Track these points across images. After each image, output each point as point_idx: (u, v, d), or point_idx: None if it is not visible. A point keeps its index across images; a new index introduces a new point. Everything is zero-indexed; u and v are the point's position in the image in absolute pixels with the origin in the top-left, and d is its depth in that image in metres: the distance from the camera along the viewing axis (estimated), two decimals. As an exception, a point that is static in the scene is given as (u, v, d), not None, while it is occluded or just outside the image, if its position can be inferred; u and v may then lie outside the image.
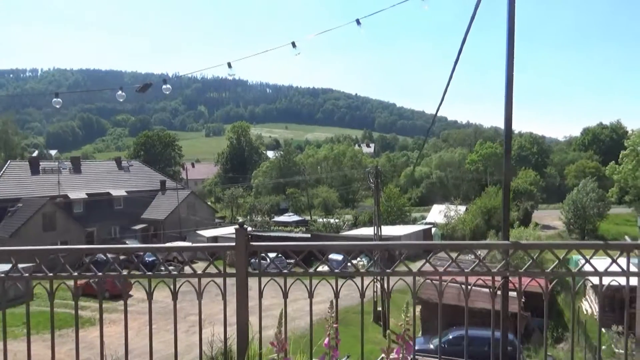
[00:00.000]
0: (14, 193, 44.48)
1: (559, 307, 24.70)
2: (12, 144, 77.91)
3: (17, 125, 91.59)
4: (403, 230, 44.24)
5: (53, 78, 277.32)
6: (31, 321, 3.23)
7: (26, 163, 51.03)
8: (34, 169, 49.12)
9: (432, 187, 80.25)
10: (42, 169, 49.77)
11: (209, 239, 44.67)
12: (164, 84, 5.69)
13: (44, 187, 47.25)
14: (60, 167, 50.22)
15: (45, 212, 41.32)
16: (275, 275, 3.26)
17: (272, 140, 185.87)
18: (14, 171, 47.82)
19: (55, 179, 47.46)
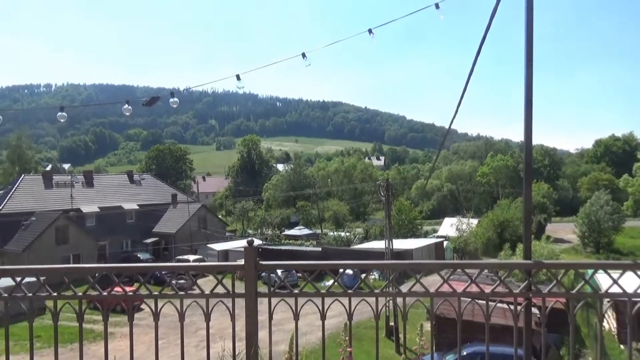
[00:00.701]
0: (28, 207, 44.92)
1: (576, 323, 24.16)
2: (26, 158, 78.92)
3: (31, 140, 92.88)
4: (415, 243, 43.82)
5: (67, 93, 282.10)
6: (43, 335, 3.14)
7: (40, 177, 51.60)
8: (48, 183, 49.62)
9: (443, 200, 79.75)
10: (56, 182, 50.27)
11: (220, 252, 44.57)
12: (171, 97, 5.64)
13: (57, 200, 47.66)
14: (73, 181, 50.71)
15: (58, 226, 41.62)
16: (285, 295, 3.13)
17: (282, 153, 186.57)
18: (28, 185, 48.35)
19: (68, 192, 47.88)
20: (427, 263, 3.28)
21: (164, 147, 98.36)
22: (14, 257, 39.34)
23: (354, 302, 3.15)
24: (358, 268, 3.14)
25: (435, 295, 3.03)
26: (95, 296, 3.21)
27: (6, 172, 79.56)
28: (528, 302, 3.51)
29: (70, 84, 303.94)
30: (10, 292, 3.25)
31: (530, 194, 4.19)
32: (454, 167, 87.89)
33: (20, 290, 3.25)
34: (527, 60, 3.89)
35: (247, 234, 64.97)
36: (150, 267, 3.30)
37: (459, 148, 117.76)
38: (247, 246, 3.07)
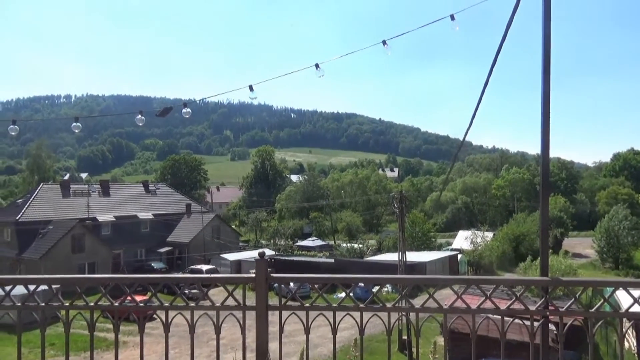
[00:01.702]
0: (46, 215, 45.57)
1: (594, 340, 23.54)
2: (45, 167, 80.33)
3: (50, 149, 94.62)
4: (428, 256, 43.46)
5: (86, 104, 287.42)
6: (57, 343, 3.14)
7: (58, 186, 52.37)
8: (65, 192, 50.36)
9: (457, 212, 79.09)
10: (73, 191, 51.00)
11: (233, 262, 44.63)
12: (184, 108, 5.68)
13: (74, 209, 48.30)
14: (89, 190, 51.38)
15: (74, 234, 42.13)
16: (296, 309, 3.10)
17: (296, 164, 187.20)
18: (46, 194, 49.12)
19: (85, 201, 48.50)
20: (440, 278, 3.23)
21: (179, 157, 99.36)
22: (31, 265, 39.85)
23: (366, 316, 3.11)
24: (370, 283, 3.10)
25: (448, 312, 2.97)
26: (106, 306, 3.21)
27: (26, 181, 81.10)
28: (545, 320, 3.42)
29: (90, 95, 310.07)
30: (23, 301, 3.26)
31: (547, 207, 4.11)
32: (469, 179, 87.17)
33: (34, 299, 3.27)
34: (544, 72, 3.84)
35: (260, 245, 65.01)
36: (161, 278, 3.30)
37: (473, 160, 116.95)
38: (259, 259, 3.06)
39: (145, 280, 3.29)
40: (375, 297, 3.20)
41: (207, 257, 47.86)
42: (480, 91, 6.61)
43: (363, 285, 3.57)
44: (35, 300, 3.24)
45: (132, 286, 3.29)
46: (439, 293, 3.01)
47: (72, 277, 3.29)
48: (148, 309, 3.23)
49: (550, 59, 3.93)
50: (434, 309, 3.00)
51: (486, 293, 3.04)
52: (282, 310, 3.13)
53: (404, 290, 3.12)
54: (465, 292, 2.99)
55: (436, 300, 3.03)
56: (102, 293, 3.20)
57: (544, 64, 3.80)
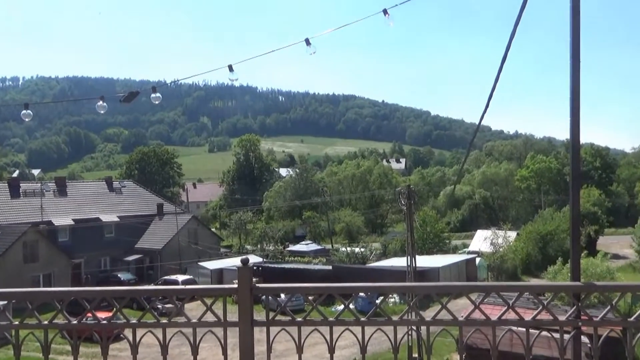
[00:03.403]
0: (-9, 219, 45.35)
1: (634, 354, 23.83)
2: (-10, 163, 79.88)
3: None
4: (441, 260, 43.63)
5: (36, 87, 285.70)
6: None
7: (5, 185, 52.06)
8: (14, 192, 50.08)
9: (475, 209, 79.39)
10: (23, 191, 50.73)
11: (213, 272, 44.67)
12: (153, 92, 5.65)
13: (25, 212, 48.07)
14: (43, 189, 51.16)
15: (26, 241, 41.99)
16: (287, 324, 3.10)
17: (286, 155, 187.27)
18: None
19: (37, 202, 48.30)
20: (456, 285, 3.25)
21: (148, 150, 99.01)
22: (-24, 278, 39.69)
23: (368, 331, 3.12)
24: (374, 292, 3.11)
25: (465, 324, 2.99)
26: (64, 325, 3.20)
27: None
28: (577, 331, 3.45)
29: (40, 77, 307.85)
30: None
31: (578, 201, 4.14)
32: (488, 170, 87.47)
33: (-23, 318, 3.25)
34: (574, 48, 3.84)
35: (245, 250, 65.00)
36: (128, 291, 3.29)
37: (492, 148, 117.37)
38: (242, 267, 3.06)
39: (109, 294, 3.28)
40: (379, 309, 3.20)
41: (183, 266, 47.85)
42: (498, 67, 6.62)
43: (365, 295, 3.59)
44: (-20, 320, 3.23)
45: (94, 301, 3.28)
46: (453, 303, 3.02)
47: (24, 291, 3.27)
48: (113, 327, 3.22)
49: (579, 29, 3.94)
50: (448, 321, 3.01)
51: (508, 302, 3.05)
52: (270, 326, 3.13)
53: (412, 300, 3.13)
54: (484, 301, 3.01)
55: (450, 311, 3.04)
56: (59, 309, 3.19)
57: (573, 35, 3.81)
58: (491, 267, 47.11)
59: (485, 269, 46.52)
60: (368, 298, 25.50)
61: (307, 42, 5.20)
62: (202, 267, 46.03)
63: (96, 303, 3.26)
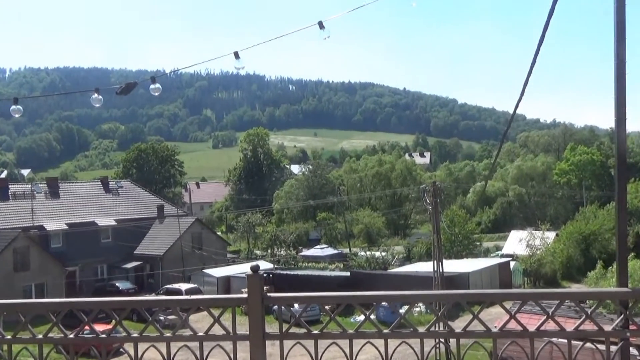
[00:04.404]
0: (-22, 224, 46.04)
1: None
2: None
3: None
4: (471, 265, 43.46)
5: (24, 80, 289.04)
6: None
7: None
8: (2, 194, 50.79)
9: (508, 207, 78.85)
10: (12, 193, 51.43)
11: (220, 279, 44.90)
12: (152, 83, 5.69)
13: (14, 216, 48.72)
14: (33, 190, 51.81)
15: (16, 248, 42.54)
16: (302, 337, 3.11)
17: (298, 150, 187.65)
18: (-22, 197, 49.62)
19: (28, 205, 48.92)
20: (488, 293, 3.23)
21: (147, 146, 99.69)
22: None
23: (392, 344, 3.12)
24: (397, 301, 3.11)
25: (499, 336, 2.98)
26: (59, 339, 3.25)
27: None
28: (625, 342, 3.43)
29: (29, 69, 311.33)
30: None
31: (624, 197, 4.10)
32: (523, 163, 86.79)
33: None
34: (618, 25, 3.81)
35: (254, 256, 65.23)
36: (128, 302, 3.33)
37: (528, 139, 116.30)
38: (251, 274, 3.07)
39: (108, 305, 3.32)
40: (404, 320, 3.20)
41: (187, 274, 48.17)
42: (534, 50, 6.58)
43: (388, 304, 3.59)
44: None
45: (92, 313, 3.32)
46: (486, 312, 3.01)
47: (15, 303, 3.32)
48: (112, 341, 3.26)
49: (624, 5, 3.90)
50: (481, 332, 3.01)
51: (548, 311, 3.03)
52: (284, 340, 3.14)
53: (441, 309, 3.12)
54: (520, 310, 2.99)
55: (482, 321, 3.02)
56: (54, 322, 3.23)
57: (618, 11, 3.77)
58: (527, 272, 46.82)
59: (520, 274, 46.22)
60: (390, 307, 25.48)
61: (320, 26, 5.20)
62: (207, 275, 46.28)
63: (94, 315, 3.30)
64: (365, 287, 36.26)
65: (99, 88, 5.76)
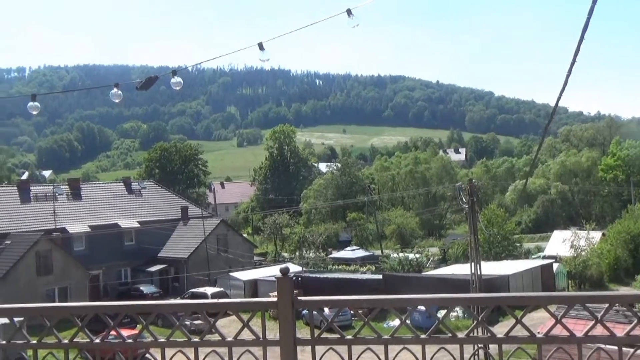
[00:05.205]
0: (0, 227, 47.00)
1: None
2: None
3: (1, 141, 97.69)
4: (511, 267, 42.98)
5: (44, 78, 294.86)
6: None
7: (14, 188, 53.94)
8: (24, 196, 51.84)
9: (550, 206, 77.76)
10: (34, 195, 52.46)
11: (247, 283, 45.15)
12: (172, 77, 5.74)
13: (36, 218, 49.72)
14: (55, 192, 52.72)
15: (39, 251, 43.34)
16: (335, 342, 3.12)
17: (326, 148, 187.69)
18: (0, 198, 50.70)
19: (50, 207, 49.81)
20: (532, 296, 3.19)
21: (170, 146, 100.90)
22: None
23: (429, 350, 3.10)
24: (434, 305, 3.09)
25: (545, 342, 2.95)
26: (85, 344, 3.31)
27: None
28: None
29: (48, 67, 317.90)
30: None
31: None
32: (567, 159, 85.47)
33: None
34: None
35: (282, 259, 65.45)
36: (155, 306, 3.37)
37: (570, 133, 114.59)
38: (281, 277, 3.08)
39: (134, 309, 3.36)
40: (442, 325, 3.18)
41: (213, 277, 48.55)
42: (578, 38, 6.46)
43: (424, 308, 3.57)
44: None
45: (117, 317, 3.37)
46: (528, 317, 2.98)
47: (41, 307, 3.39)
48: (139, 346, 3.30)
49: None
50: (524, 338, 2.97)
51: (596, 315, 2.99)
52: (316, 345, 3.15)
53: (482, 314, 3.09)
54: (566, 315, 2.95)
55: (526, 326, 2.99)
56: (79, 326, 3.29)
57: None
58: (572, 275, 46.13)
59: (564, 276, 45.56)
60: (427, 311, 25.33)
61: (348, 13, 5.18)
62: (233, 278, 46.56)
63: (119, 319, 3.35)
64: (398, 290, 36.07)
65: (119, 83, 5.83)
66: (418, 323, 26.67)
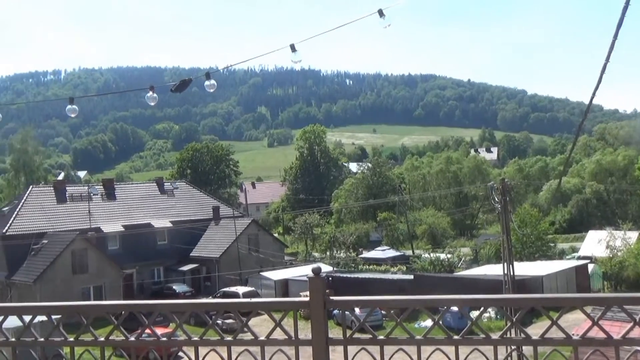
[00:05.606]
0: (38, 226, 48.03)
1: None
2: (33, 165, 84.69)
3: (39, 142, 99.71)
4: (545, 268, 42.46)
5: (79, 81, 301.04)
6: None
7: (50, 189, 55.09)
8: (60, 196, 52.89)
9: (585, 205, 76.48)
10: (70, 195, 53.49)
11: (277, 282, 45.32)
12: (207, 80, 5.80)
13: (71, 218, 50.70)
14: (90, 192, 53.65)
15: (74, 250, 44.20)
16: (367, 343, 3.11)
17: (356, 148, 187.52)
18: (37, 199, 51.75)
19: (85, 207, 50.73)
20: (567, 297, 3.14)
21: (201, 146, 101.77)
22: (24, 290, 42.25)
23: (463, 351, 3.08)
24: (467, 305, 3.06)
25: (581, 344, 2.89)
26: (120, 342, 3.36)
27: (11, 183, 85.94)
28: None
29: (83, 69, 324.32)
30: (18, 336, 3.47)
31: None
32: (602, 158, 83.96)
33: (30, 334, 3.47)
34: None
35: (312, 258, 65.55)
36: (191, 305, 3.40)
37: (605, 131, 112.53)
38: (313, 277, 3.09)
39: (169, 308, 3.40)
40: (475, 326, 3.15)
41: (244, 277, 48.85)
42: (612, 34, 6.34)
43: (456, 309, 3.54)
44: (33, 335, 3.44)
45: (152, 315, 3.42)
46: (563, 318, 2.94)
47: (78, 305, 3.46)
48: (173, 344, 3.34)
49: None
50: (560, 340, 2.93)
51: (634, 317, 2.93)
52: (348, 345, 3.14)
53: (516, 315, 3.05)
54: (603, 316, 2.90)
55: (562, 328, 2.94)
56: (115, 324, 3.34)
57: None
58: (607, 276, 45.40)
59: (600, 277, 44.93)
60: (459, 312, 25.12)
61: (380, 14, 5.17)
62: (264, 278, 46.78)
63: (154, 318, 3.40)
64: (429, 291, 35.84)
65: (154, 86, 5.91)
66: (449, 324, 26.45)
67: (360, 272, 51.32)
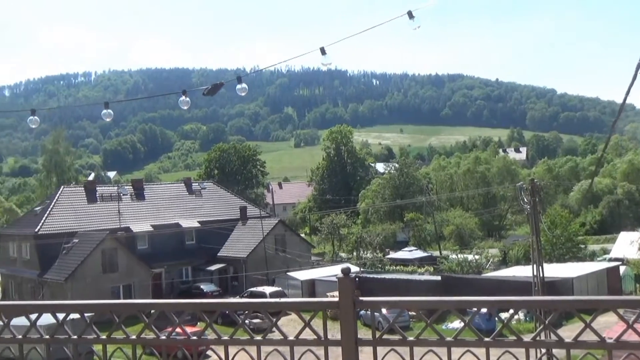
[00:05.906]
0: (69, 226, 48.95)
1: None
2: (65, 166, 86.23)
3: (69, 143, 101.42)
4: (576, 269, 41.89)
5: (109, 82, 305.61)
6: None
7: (81, 189, 56.05)
8: (91, 196, 53.77)
9: (617, 206, 75.21)
10: (100, 195, 54.35)
11: (304, 282, 45.40)
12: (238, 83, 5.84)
13: (102, 218, 51.47)
14: (120, 192, 54.44)
15: (104, 249, 44.89)
16: (397, 344, 3.10)
17: (383, 148, 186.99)
18: (68, 199, 52.71)
19: (115, 207, 51.49)
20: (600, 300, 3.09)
21: (229, 147, 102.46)
22: (56, 288, 43.08)
23: (494, 353, 3.05)
24: (497, 307, 3.03)
25: (616, 347, 2.84)
26: (151, 340, 3.40)
27: (43, 183, 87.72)
28: None
29: (113, 71, 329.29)
30: (52, 333, 3.53)
31: None
32: (635, 158, 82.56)
33: (64, 331, 3.53)
34: None
35: (339, 259, 65.53)
36: (221, 304, 3.43)
37: (638, 130, 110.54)
38: (342, 277, 3.09)
39: (199, 307, 3.43)
40: (506, 328, 3.12)
41: (271, 277, 49.04)
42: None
43: (486, 310, 3.51)
44: (66, 332, 3.50)
45: (182, 314, 3.45)
46: (596, 321, 2.90)
47: (110, 303, 3.51)
48: (204, 343, 3.36)
49: None
50: (593, 343, 2.88)
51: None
52: (377, 346, 3.13)
53: (549, 317, 3.01)
54: (638, 319, 2.84)
55: (595, 330, 2.90)
56: (146, 323, 3.38)
57: None
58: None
59: (632, 279, 44.23)
60: (487, 314, 24.89)
61: (409, 15, 5.14)
62: (291, 278, 46.89)
63: (184, 317, 3.43)
64: (457, 292, 35.56)
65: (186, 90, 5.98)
66: (478, 325, 26.17)
67: (387, 273, 51.23)
